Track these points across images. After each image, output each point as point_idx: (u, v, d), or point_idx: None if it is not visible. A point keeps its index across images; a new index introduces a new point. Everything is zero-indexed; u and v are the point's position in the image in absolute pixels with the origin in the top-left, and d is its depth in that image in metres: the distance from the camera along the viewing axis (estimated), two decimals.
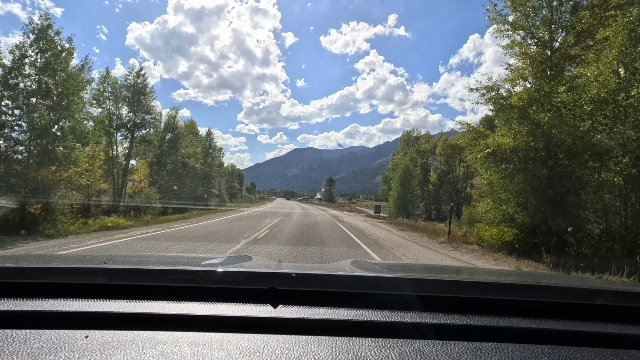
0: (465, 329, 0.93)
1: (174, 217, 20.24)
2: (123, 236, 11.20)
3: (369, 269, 1.76)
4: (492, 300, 1.05)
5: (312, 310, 0.97)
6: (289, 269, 1.21)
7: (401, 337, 0.87)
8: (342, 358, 0.77)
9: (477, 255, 10.30)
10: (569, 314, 1.03)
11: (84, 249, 8.56)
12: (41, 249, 8.44)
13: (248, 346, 0.80)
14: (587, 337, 0.93)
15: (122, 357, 0.74)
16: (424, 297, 1.03)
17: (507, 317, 0.98)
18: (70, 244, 9.23)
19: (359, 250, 10.15)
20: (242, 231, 13.34)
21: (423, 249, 11.23)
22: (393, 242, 12.64)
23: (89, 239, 10.26)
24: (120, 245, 9.21)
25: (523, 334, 0.93)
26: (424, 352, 0.80)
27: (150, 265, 1.39)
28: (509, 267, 8.82)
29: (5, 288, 1.04)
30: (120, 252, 8.19)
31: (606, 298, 1.06)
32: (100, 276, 1.11)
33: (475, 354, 0.80)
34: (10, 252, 7.77)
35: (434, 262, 8.88)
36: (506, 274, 2.44)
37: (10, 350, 0.75)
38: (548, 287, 1.19)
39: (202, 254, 7.81)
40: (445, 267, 4.63)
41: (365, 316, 0.95)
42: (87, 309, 0.94)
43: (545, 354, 0.82)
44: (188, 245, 9.22)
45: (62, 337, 0.81)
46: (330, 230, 15.61)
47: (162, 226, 15.24)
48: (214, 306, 0.98)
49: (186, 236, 11.64)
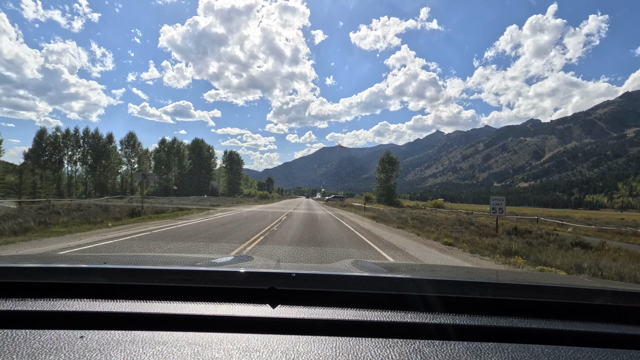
0: (465, 329, 0.93)
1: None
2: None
3: (369, 269, 1.76)
4: (492, 300, 1.05)
5: (312, 310, 0.98)
6: (288, 269, 1.21)
7: (401, 337, 0.88)
8: (342, 358, 0.78)
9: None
10: (569, 314, 1.03)
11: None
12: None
13: (248, 346, 0.81)
14: (587, 337, 0.93)
15: (122, 357, 0.75)
16: (423, 297, 1.03)
17: (507, 317, 0.98)
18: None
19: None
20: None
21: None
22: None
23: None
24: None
25: (523, 334, 0.93)
26: (424, 352, 0.81)
27: (150, 265, 1.37)
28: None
29: (5, 288, 1.05)
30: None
31: (606, 298, 1.05)
32: (100, 276, 1.11)
33: (475, 354, 0.81)
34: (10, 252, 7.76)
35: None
36: (506, 273, 2.44)
37: (10, 350, 0.76)
38: (548, 287, 1.19)
39: (202, 254, 7.76)
40: (445, 267, 4.60)
41: (365, 316, 0.96)
42: (87, 309, 0.94)
43: (545, 354, 0.82)
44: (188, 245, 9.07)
45: (62, 337, 0.82)
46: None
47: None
48: (213, 306, 0.98)
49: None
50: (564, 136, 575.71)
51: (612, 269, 7.81)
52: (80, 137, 70.63)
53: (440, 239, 12.82)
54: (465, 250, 10.69)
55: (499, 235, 14.87)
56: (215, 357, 0.77)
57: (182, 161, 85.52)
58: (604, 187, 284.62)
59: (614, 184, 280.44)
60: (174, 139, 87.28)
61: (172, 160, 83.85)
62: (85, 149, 70.81)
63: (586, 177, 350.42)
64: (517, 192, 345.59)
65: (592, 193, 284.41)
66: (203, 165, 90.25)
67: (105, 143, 72.44)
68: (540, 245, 12.20)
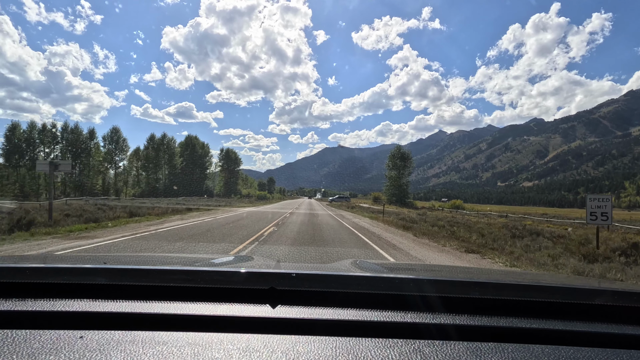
0: (466, 329, 0.93)
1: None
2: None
3: (369, 269, 1.76)
4: (492, 300, 1.05)
5: (312, 310, 0.98)
6: (288, 269, 1.21)
7: (401, 337, 0.88)
8: (342, 358, 0.78)
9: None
10: (569, 314, 1.03)
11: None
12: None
13: (248, 346, 0.81)
14: (587, 337, 0.93)
15: (122, 357, 0.75)
16: (423, 297, 1.03)
17: (507, 317, 0.98)
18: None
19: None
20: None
21: None
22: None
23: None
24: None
25: (523, 334, 0.93)
26: (424, 352, 0.81)
27: (150, 265, 1.38)
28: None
29: (5, 288, 1.05)
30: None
31: (606, 298, 1.06)
32: (100, 276, 1.12)
33: (475, 354, 0.81)
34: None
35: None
36: (506, 273, 2.42)
37: (10, 350, 0.76)
38: (548, 287, 1.20)
39: (202, 254, 7.55)
40: (445, 267, 4.63)
41: (365, 316, 0.96)
42: (87, 309, 0.94)
43: (545, 354, 0.82)
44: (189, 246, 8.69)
45: (62, 337, 0.82)
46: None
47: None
48: (213, 306, 0.98)
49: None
50: (567, 135, 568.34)
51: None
52: (57, 133, 64.17)
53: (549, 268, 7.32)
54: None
55: (606, 254, 8.95)
56: (215, 357, 0.77)
57: (173, 159, 78.74)
58: (610, 186, 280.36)
59: (620, 183, 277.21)
60: (164, 135, 79.79)
61: (161, 158, 76.91)
62: (64, 145, 64.38)
63: (591, 177, 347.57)
64: (522, 191, 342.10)
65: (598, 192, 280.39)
66: (197, 164, 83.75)
67: (86, 139, 65.90)
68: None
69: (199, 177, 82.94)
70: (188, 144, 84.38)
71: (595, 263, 8.10)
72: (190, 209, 25.55)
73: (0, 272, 1.13)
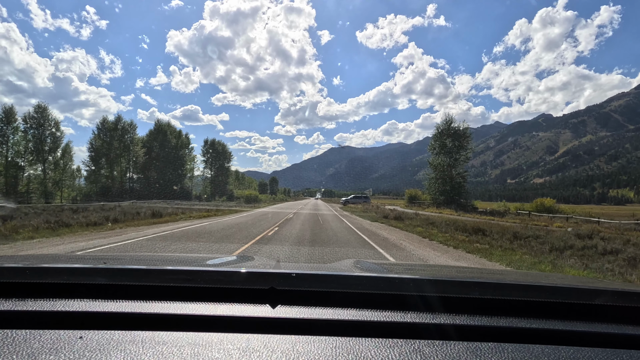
0: (465, 329, 0.93)
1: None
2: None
3: (369, 269, 1.76)
4: (492, 300, 1.05)
5: (312, 310, 0.98)
6: (288, 269, 1.21)
7: (401, 337, 0.88)
8: (342, 358, 0.78)
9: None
10: (569, 314, 1.03)
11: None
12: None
13: (248, 346, 0.81)
14: (587, 337, 0.93)
15: (122, 357, 0.75)
16: (423, 297, 1.03)
17: (507, 317, 0.98)
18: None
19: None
20: None
21: None
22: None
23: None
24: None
25: (523, 334, 0.93)
26: (424, 352, 0.81)
27: (150, 265, 1.39)
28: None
29: (5, 288, 1.05)
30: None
31: (606, 298, 1.06)
32: (100, 276, 1.12)
33: (475, 354, 0.80)
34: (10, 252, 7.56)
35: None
36: (506, 273, 2.39)
37: (10, 350, 0.76)
38: (548, 287, 1.20)
39: (202, 254, 7.65)
40: (445, 267, 4.58)
41: (365, 316, 0.96)
42: (87, 309, 0.94)
43: (545, 354, 0.82)
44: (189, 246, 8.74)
45: (61, 337, 0.81)
46: None
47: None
48: (213, 306, 0.98)
49: None
50: (578, 130, 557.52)
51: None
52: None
53: None
54: None
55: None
56: (215, 357, 0.77)
57: (129, 151, 59.35)
58: (628, 180, 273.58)
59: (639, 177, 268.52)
60: (118, 117, 59.19)
61: (114, 150, 57.56)
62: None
63: (606, 172, 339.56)
64: (533, 188, 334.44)
65: (615, 187, 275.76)
66: (169, 159, 64.47)
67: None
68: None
69: (171, 175, 64.39)
70: (158, 132, 65.08)
71: None
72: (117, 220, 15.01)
73: (1, 272, 1.13)
